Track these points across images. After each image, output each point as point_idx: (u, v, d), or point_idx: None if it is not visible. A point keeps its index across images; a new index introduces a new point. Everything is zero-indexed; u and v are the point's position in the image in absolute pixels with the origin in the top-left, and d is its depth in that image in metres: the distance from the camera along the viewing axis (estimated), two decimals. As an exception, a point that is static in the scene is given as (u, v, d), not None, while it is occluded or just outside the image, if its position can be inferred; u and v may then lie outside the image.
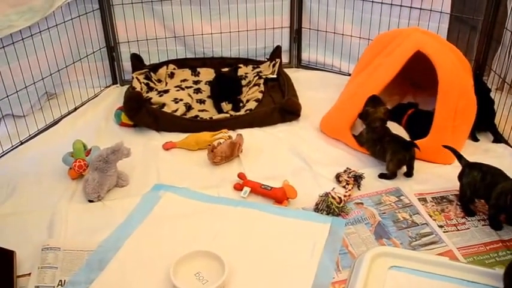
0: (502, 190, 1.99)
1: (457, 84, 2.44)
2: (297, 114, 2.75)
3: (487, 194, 2.05)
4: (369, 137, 2.40)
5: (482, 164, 2.13)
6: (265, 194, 2.13)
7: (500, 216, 2.05)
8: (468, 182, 2.12)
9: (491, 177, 2.05)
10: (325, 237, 1.91)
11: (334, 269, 1.79)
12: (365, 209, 2.10)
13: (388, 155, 2.30)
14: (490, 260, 1.90)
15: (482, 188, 2.07)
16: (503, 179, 2.04)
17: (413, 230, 2.00)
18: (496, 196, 2.00)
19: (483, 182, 2.06)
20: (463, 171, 2.16)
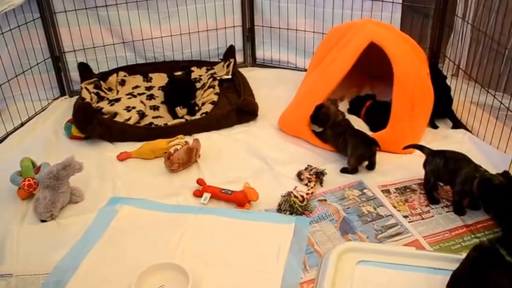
0: (466, 176, 2.04)
1: (412, 74, 2.48)
2: (254, 114, 2.75)
3: (452, 179, 2.11)
4: (333, 132, 2.42)
5: (445, 151, 2.19)
6: (226, 198, 2.12)
7: (464, 202, 2.10)
8: (432, 169, 2.17)
9: (454, 163, 2.10)
10: (290, 237, 1.91)
11: (301, 269, 1.80)
12: (329, 205, 2.12)
13: (349, 149, 2.32)
14: (456, 245, 1.94)
15: (446, 174, 2.12)
16: (467, 163, 2.09)
17: (379, 223, 2.03)
18: (461, 182, 2.05)
19: (446, 168, 2.12)
20: (426, 159, 2.21)
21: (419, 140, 2.44)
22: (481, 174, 2.02)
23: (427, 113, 2.61)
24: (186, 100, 2.87)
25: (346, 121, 2.44)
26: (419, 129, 2.55)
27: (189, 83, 2.98)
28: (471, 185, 2.02)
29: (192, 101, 2.90)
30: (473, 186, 2.01)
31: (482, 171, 2.04)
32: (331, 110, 2.43)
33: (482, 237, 1.98)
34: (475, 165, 2.09)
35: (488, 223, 2.07)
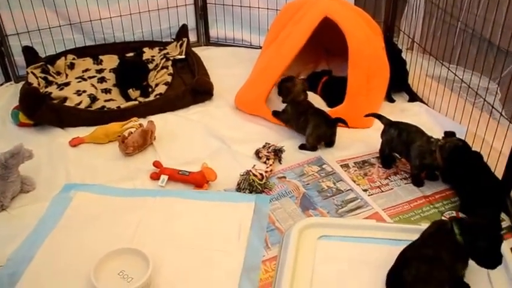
0: (421, 150, 2.10)
1: (367, 49, 2.51)
2: (210, 93, 2.74)
3: (405, 150, 2.17)
4: (293, 111, 2.43)
5: (399, 122, 2.25)
6: (183, 179, 2.11)
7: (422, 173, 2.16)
8: (386, 139, 2.24)
9: (407, 135, 2.16)
10: (251, 216, 1.93)
11: (263, 247, 1.82)
12: (288, 182, 2.14)
13: (309, 128, 2.34)
14: (416, 216, 2.00)
15: (399, 145, 2.19)
16: (419, 136, 2.15)
17: (339, 198, 2.07)
18: (418, 156, 2.11)
19: (399, 139, 2.18)
20: (383, 129, 2.27)
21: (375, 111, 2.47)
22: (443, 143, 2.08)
23: (383, 87, 2.65)
24: (138, 82, 2.84)
25: (308, 102, 2.45)
26: (376, 103, 2.60)
27: (141, 65, 2.96)
28: (431, 159, 2.08)
29: (145, 82, 2.87)
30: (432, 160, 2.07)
31: (435, 142, 2.10)
32: (297, 87, 2.43)
33: (440, 207, 2.05)
34: (427, 137, 2.14)
35: (446, 193, 2.13)
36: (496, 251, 1.54)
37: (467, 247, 1.53)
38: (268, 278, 1.71)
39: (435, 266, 1.55)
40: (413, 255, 1.59)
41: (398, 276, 1.57)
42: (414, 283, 1.53)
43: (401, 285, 1.56)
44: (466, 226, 1.55)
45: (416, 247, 1.60)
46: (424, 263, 1.55)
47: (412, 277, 1.53)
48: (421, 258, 1.56)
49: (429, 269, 1.54)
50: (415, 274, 1.53)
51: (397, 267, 1.60)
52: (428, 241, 1.59)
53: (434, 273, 1.54)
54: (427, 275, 1.53)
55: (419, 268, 1.54)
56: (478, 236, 1.52)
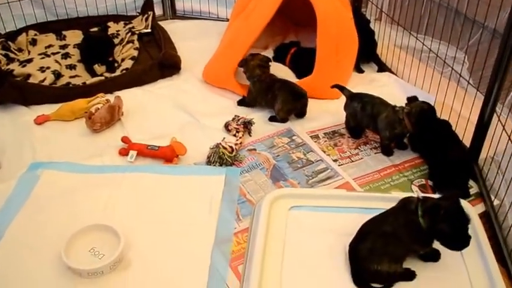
0: (389, 121, 2.13)
1: (335, 19, 2.52)
2: (177, 67, 2.72)
3: (372, 123, 2.19)
4: (257, 88, 2.42)
5: (362, 95, 2.27)
6: (153, 154, 2.11)
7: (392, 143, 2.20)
8: (350, 112, 2.27)
9: (372, 107, 2.19)
10: (221, 189, 1.95)
11: (234, 220, 1.84)
12: (258, 154, 2.16)
13: (277, 103, 2.34)
14: (386, 185, 2.04)
15: (365, 118, 2.21)
16: (384, 107, 2.18)
17: (309, 168, 2.09)
18: (387, 127, 2.14)
19: (364, 112, 2.20)
20: (346, 101, 2.29)
21: (346, 84, 2.49)
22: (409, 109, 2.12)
23: (352, 57, 2.67)
24: (103, 57, 2.80)
25: (271, 76, 2.45)
26: (345, 74, 2.62)
27: (106, 39, 2.92)
28: (401, 128, 2.12)
29: (110, 57, 2.83)
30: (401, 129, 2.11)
31: (401, 110, 2.14)
32: (251, 62, 2.44)
33: (410, 175, 2.10)
34: (392, 107, 2.18)
35: (416, 162, 2.18)
36: (460, 235, 1.56)
37: (430, 230, 1.55)
38: (241, 250, 1.73)
39: (391, 243, 1.57)
40: (372, 229, 1.62)
41: (355, 248, 1.61)
42: (368, 256, 1.57)
43: (356, 256, 1.60)
44: (429, 208, 1.54)
45: (377, 222, 1.63)
46: (380, 237, 1.58)
47: (368, 250, 1.57)
48: (379, 233, 1.59)
49: (384, 244, 1.57)
50: (370, 248, 1.57)
51: (356, 240, 1.63)
52: (390, 217, 1.61)
53: (389, 249, 1.58)
54: (382, 250, 1.57)
55: (375, 243, 1.57)
56: (440, 219, 1.52)
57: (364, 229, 1.64)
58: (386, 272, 1.57)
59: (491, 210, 1.95)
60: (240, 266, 1.68)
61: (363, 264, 1.59)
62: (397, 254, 1.60)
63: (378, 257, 1.57)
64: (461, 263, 1.68)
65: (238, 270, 1.66)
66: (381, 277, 1.58)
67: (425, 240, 1.59)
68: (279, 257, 1.66)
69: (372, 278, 1.59)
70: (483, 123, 2.11)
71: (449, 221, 1.53)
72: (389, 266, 1.58)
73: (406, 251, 1.62)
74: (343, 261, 1.65)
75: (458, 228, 1.55)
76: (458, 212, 1.55)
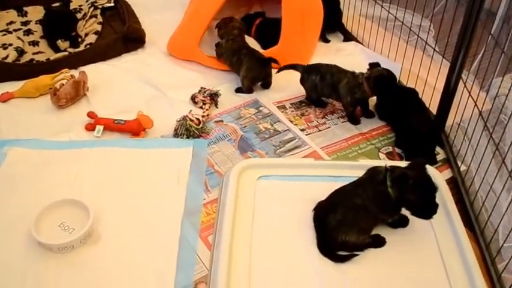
0: (349, 86, 2.16)
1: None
2: (142, 41, 2.69)
3: (333, 92, 2.22)
4: (228, 46, 2.43)
5: (319, 66, 2.29)
6: (119, 128, 2.10)
7: (356, 111, 2.22)
8: (310, 86, 2.28)
9: (332, 76, 2.21)
10: (189, 161, 1.96)
11: (203, 191, 1.86)
12: (225, 125, 2.17)
13: (242, 70, 2.35)
14: (353, 153, 2.07)
15: (326, 88, 2.24)
16: (344, 74, 2.20)
17: (277, 138, 2.11)
18: (348, 93, 2.17)
19: (324, 83, 2.23)
20: (302, 76, 2.31)
21: (312, 54, 2.51)
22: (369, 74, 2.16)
23: (317, 27, 2.67)
24: (66, 32, 2.76)
25: (243, 41, 2.47)
26: (311, 44, 2.63)
27: (68, 14, 2.88)
28: (361, 93, 2.15)
29: (73, 32, 2.79)
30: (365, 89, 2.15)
31: (361, 75, 2.18)
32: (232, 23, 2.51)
33: (377, 143, 2.13)
34: (351, 73, 2.21)
35: (383, 130, 2.21)
36: (429, 203, 1.60)
37: (398, 200, 1.57)
38: (210, 221, 1.75)
39: (361, 215, 1.60)
40: (341, 201, 1.64)
41: (324, 219, 1.64)
42: (338, 227, 1.60)
43: (325, 228, 1.63)
44: (397, 178, 1.56)
45: (347, 193, 1.65)
46: (350, 210, 1.60)
47: (337, 222, 1.60)
48: (349, 205, 1.61)
49: (355, 216, 1.60)
50: (339, 219, 1.60)
51: (325, 210, 1.66)
52: (359, 189, 1.63)
53: (358, 221, 1.61)
54: (352, 221, 1.60)
55: (345, 215, 1.60)
56: (409, 189, 1.55)
57: (334, 200, 1.66)
58: (354, 242, 1.61)
59: (458, 176, 2.00)
60: (210, 236, 1.69)
61: (331, 234, 1.61)
62: (366, 226, 1.63)
63: (346, 228, 1.60)
64: (429, 227, 1.72)
65: (208, 241, 1.68)
66: (348, 247, 1.61)
67: (394, 209, 1.62)
68: (248, 227, 1.69)
69: (338, 248, 1.62)
70: (449, 90, 2.15)
71: (417, 191, 1.56)
72: (358, 237, 1.61)
73: (375, 221, 1.65)
74: (312, 229, 1.67)
75: (427, 197, 1.59)
76: (426, 181, 1.58)
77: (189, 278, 1.57)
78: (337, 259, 1.60)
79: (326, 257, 1.61)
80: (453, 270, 1.59)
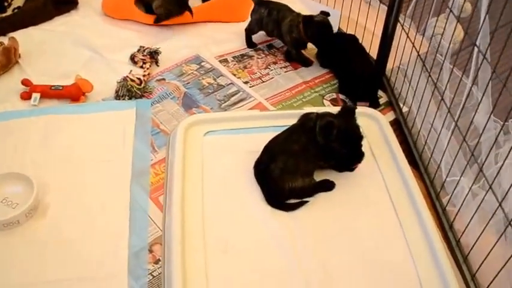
0: (290, 24, 2.18)
1: None
2: (74, 2, 2.58)
3: (276, 29, 2.25)
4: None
5: (270, 2, 2.31)
6: (58, 95, 2.04)
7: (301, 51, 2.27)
8: (256, 18, 2.30)
9: (278, 13, 2.24)
10: (133, 122, 1.93)
11: (150, 151, 1.84)
12: (168, 83, 2.13)
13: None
14: (298, 102, 2.09)
15: (271, 23, 2.27)
16: (289, 13, 2.23)
17: (221, 93, 2.10)
18: (287, 31, 2.19)
19: (270, 17, 2.26)
20: (253, 8, 2.34)
21: (251, 5, 2.48)
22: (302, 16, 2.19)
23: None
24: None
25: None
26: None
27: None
28: (298, 31, 2.17)
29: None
30: (300, 29, 2.17)
31: (300, 16, 2.20)
32: None
33: (321, 91, 2.16)
34: (297, 13, 2.23)
35: (326, 77, 2.24)
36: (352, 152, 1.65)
37: (325, 147, 1.61)
38: (159, 181, 1.74)
39: (301, 160, 1.63)
40: (280, 149, 1.65)
41: (265, 169, 1.64)
42: (281, 175, 1.61)
43: (269, 178, 1.63)
44: (323, 127, 1.60)
45: (282, 141, 1.67)
46: (290, 156, 1.62)
47: (280, 170, 1.61)
48: (288, 152, 1.62)
49: (296, 161, 1.62)
50: (282, 167, 1.61)
51: (264, 161, 1.66)
52: (294, 136, 1.66)
53: (300, 166, 1.63)
54: (294, 167, 1.62)
55: (287, 162, 1.61)
56: (333, 139, 1.59)
57: (271, 149, 1.67)
58: (301, 186, 1.63)
59: (401, 117, 2.05)
60: (161, 196, 1.69)
61: (276, 184, 1.63)
62: (307, 169, 1.66)
63: (291, 175, 1.62)
64: (376, 169, 1.77)
65: (159, 201, 1.68)
66: (296, 193, 1.64)
67: (326, 155, 1.65)
68: (198, 183, 1.68)
69: (287, 196, 1.64)
70: (388, 34, 2.18)
71: (341, 140, 1.60)
72: (303, 181, 1.64)
73: (314, 165, 1.68)
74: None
75: (350, 146, 1.63)
76: (350, 131, 1.63)
77: (143, 240, 1.57)
78: (289, 208, 1.63)
79: (276, 208, 1.63)
80: (401, 208, 1.65)
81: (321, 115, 1.64)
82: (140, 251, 1.54)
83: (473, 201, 1.60)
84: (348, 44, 2.28)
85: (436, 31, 2.10)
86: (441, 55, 1.92)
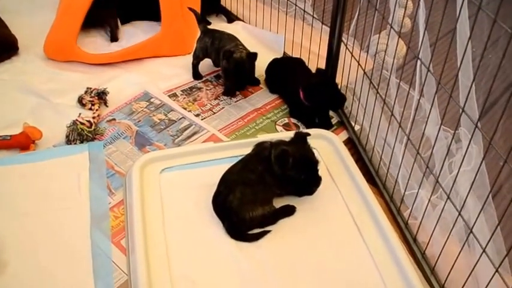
0: (225, 51, 2.19)
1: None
2: (14, 47, 2.51)
3: (217, 57, 2.26)
4: None
5: (215, 31, 2.34)
6: (6, 145, 1.96)
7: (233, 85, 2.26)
8: (201, 46, 2.32)
9: (219, 42, 2.26)
10: (87, 166, 1.89)
11: (107, 195, 1.80)
12: (119, 123, 2.10)
13: None
14: (251, 130, 2.10)
15: (213, 53, 2.29)
16: (229, 42, 2.25)
17: (173, 128, 2.08)
18: (223, 57, 2.19)
19: (213, 47, 2.27)
20: (199, 36, 2.36)
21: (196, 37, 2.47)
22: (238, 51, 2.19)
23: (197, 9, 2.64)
24: None
25: None
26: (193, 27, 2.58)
27: None
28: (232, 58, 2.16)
29: None
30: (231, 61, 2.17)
31: (241, 48, 2.21)
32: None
33: (272, 116, 2.17)
34: (236, 43, 2.24)
35: (276, 102, 2.26)
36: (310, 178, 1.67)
37: (282, 176, 1.62)
38: (120, 224, 1.71)
39: (259, 189, 1.63)
40: (236, 179, 1.64)
41: (224, 201, 1.63)
42: (240, 205, 1.60)
43: (228, 209, 1.62)
44: (279, 156, 1.61)
45: (238, 171, 1.66)
46: (247, 186, 1.61)
47: (238, 200, 1.60)
48: (244, 182, 1.62)
49: (253, 191, 1.61)
50: (240, 197, 1.60)
51: (222, 193, 1.65)
52: (249, 165, 1.65)
53: (259, 195, 1.63)
54: (253, 196, 1.61)
55: (244, 192, 1.60)
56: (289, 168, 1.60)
57: (228, 180, 1.66)
58: (262, 214, 1.63)
59: (354, 136, 2.07)
60: (123, 239, 1.65)
61: (237, 215, 1.61)
62: (266, 197, 1.66)
63: (250, 205, 1.61)
64: (335, 190, 1.78)
65: (122, 245, 1.64)
66: (258, 222, 1.63)
67: (282, 184, 1.66)
68: (159, 222, 1.65)
69: (249, 226, 1.63)
70: (332, 54, 2.21)
71: (297, 168, 1.61)
72: (263, 209, 1.63)
73: (273, 193, 1.68)
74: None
75: (307, 172, 1.65)
76: (305, 157, 1.64)
77: (110, 286, 1.53)
78: (251, 238, 1.61)
79: (239, 240, 1.61)
80: (364, 226, 1.66)
81: (275, 144, 1.64)
82: (107, 299, 1.50)
83: (434, 212, 1.62)
84: (295, 67, 2.30)
85: (380, 48, 2.14)
86: (387, 71, 1.96)
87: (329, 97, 2.08)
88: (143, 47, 2.46)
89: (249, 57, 2.20)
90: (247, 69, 2.24)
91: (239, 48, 2.20)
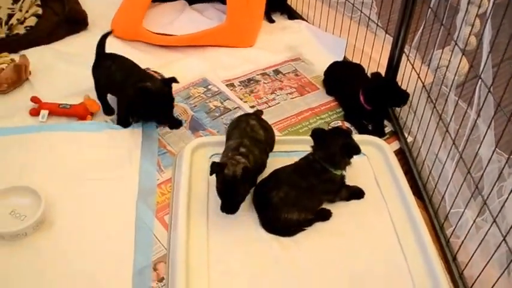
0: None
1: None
2: (84, 23, 2.62)
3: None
4: None
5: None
6: (65, 113, 2.05)
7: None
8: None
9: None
10: (140, 142, 1.95)
11: (156, 171, 1.85)
12: (176, 106, 2.12)
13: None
14: (304, 128, 2.11)
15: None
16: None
17: (227, 116, 2.12)
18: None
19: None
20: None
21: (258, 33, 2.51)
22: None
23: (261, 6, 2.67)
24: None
25: None
26: (256, 22, 2.63)
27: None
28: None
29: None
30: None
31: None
32: None
33: (326, 118, 2.18)
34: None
35: (331, 105, 2.26)
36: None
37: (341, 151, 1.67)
38: (165, 200, 1.76)
39: (306, 196, 1.65)
40: (287, 179, 1.67)
41: (266, 194, 1.66)
42: (279, 204, 1.63)
43: (267, 203, 1.65)
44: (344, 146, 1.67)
45: (291, 173, 1.69)
46: (293, 189, 1.64)
47: (279, 199, 1.62)
48: (293, 185, 1.64)
49: (298, 195, 1.64)
50: (282, 197, 1.62)
51: (267, 186, 1.68)
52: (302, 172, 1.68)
53: (302, 201, 1.65)
54: (294, 200, 1.63)
55: (289, 193, 1.63)
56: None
57: (278, 176, 1.69)
58: (297, 219, 1.65)
59: (406, 147, 2.06)
60: (166, 216, 1.70)
61: (273, 211, 1.64)
62: (309, 205, 1.68)
63: (288, 206, 1.63)
64: (380, 198, 1.79)
65: (165, 220, 1.69)
66: (291, 224, 1.65)
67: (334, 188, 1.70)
68: (203, 205, 1.70)
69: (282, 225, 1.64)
70: (393, 64, 2.21)
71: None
72: (299, 215, 1.65)
73: (319, 202, 1.71)
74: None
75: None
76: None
77: (148, 258, 1.58)
78: (285, 233, 1.64)
79: (272, 233, 1.64)
80: (405, 238, 1.66)
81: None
82: (144, 269, 1.55)
83: (477, 234, 1.60)
84: (354, 72, 2.30)
85: (441, 63, 2.13)
86: (446, 87, 1.94)
87: (392, 96, 2.09)
88: (207, 34, 2.50)
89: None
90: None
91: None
